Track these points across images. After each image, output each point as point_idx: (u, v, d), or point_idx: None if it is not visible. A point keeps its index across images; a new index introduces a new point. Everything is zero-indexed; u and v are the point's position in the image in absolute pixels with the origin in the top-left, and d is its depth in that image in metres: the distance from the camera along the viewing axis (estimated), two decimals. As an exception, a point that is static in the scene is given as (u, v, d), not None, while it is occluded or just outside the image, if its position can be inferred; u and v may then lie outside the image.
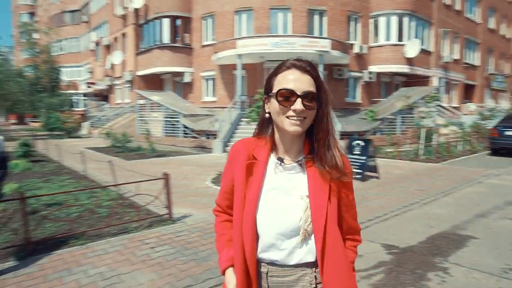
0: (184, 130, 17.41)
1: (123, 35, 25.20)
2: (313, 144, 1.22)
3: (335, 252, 1.19)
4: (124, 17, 24.65)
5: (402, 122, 17.14)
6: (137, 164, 10.81)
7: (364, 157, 8.27)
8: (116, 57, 25.52)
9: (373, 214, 5.61)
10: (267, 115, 1.24)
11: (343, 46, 17.51)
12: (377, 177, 8.43)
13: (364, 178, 8.16)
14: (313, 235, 1.20)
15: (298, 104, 1.13)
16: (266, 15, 18.11)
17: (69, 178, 8.69)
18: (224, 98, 19.37)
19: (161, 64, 21.12)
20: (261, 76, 17.97)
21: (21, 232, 4.14)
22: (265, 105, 1.25)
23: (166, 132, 18.57)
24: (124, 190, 6.66)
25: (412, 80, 21.50)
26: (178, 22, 21.02)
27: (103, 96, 33.26)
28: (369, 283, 3.38)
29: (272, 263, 1.24)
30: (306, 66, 1.19)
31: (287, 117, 1.15)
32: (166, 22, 20.88)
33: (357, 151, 8.46)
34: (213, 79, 20.18)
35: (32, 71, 28.75)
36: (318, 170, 1.20)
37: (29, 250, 3.98)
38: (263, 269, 1.26)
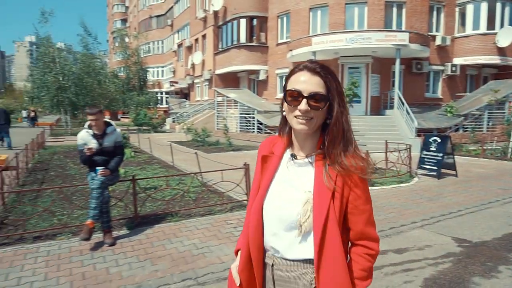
0: (258, 126, 18.17)
1: (203, 36, 26.88)
2: (325, 141, 1.24)
3: (333, 251, 1.18)
4: (204, 19, 26.27)
5: (490, 118, 15.85)
6: (216, 157, 11.67)
7: (440, 154, 8.05)
8: (196, 57, 27.33)
9: (447, 209, 5.59)
10: (284, 113, 1.29)
11: (423, 39, 16.69)
12: (454, 175, 8.15)
13: (439, 176, 7.96)
14: (312, 232, 1.20)
15: (302, 105, 1.17)
16: (342, 10, 17.99)
17: (160, 167, 9.84)
18: (297, 95, 19.70)
19: (238, 62, 22.18)
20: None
21: (131, 207, 5.04)
22: (283, 105, 1.29)
23: (241, 128, 19.54)
24: (207, 178, 7.45)
25: (505, 72, 19.60)
26: (255, 21, 21.86)
27: (184, 93, 35.79)
28: (436, 270, 3.55)
29: (275, 256, 1.28)
30: (317, 67, 1.21)
31: (295, 116, 1.21)
32: (243, 23, 21.87)
33: (433, 147, 8.25)
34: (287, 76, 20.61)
35: (124, 72, 32.10)
36: (326, 167, 1.22)
37: (137, 222, 4.85)
38: (269, 260, 1.29)
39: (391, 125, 14.78)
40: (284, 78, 20.78)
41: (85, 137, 4.23)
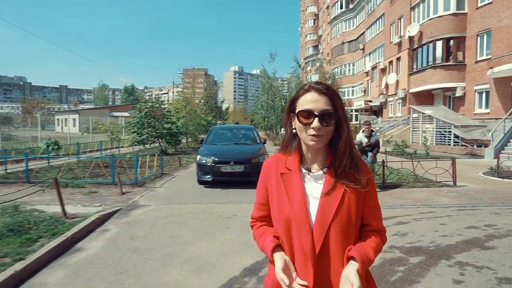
0: (453, 139, 19.66)
1: (398, 59, 29.52)
2: (335, 155, 1.32)
3: (333, 251, 1.27)
4: (399, 44, 28.95)
5: None
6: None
7: None
8: (390, 78, 30.15)
9: None
10: (294, 131, 1.37)
11: None
12: None
13: None
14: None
15: (315, 123, 1.25)
16: (553, 22, 17.73)
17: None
18: (498, 110, 20.06)
19: (433, 81, 23.95)
20: (543, 86, 17.80)
21: (381, 177, 8.85)
22: (292, 122, 1.37)
23: (437, 141, 21.27)
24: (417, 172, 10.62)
25: None
26: (451, 42, 23.25)
27: (373, 111, 38.79)
28: None
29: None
30: (323, 88, 1.30)
31: (308, 134, 1.28)
32: (439, 44, 23.60)
33: None
34: (487, 92, 21.12)
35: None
36: (336, 177, 1.30)
37: (384, 185, 8.59)
38: None
39: None
40: (482, 94, 21.47)
41: (361, 137, 8.28)
